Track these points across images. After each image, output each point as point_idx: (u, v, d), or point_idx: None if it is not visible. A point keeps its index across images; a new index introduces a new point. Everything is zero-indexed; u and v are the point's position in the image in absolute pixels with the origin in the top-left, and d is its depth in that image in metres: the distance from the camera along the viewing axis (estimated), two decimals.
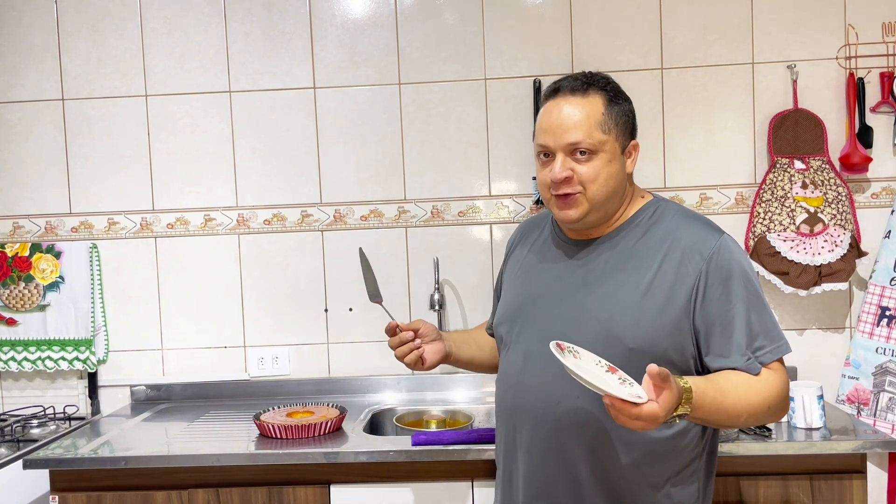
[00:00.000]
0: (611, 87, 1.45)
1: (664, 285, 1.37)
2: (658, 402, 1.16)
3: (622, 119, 1.43)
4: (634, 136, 1.48)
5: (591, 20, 2.51)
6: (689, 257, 1.38)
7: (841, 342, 2.48)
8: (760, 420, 1.38)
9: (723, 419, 1.32)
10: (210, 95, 2.59)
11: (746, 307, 1.36)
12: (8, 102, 2.62)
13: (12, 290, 2.60)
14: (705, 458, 1.47)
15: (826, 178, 2.41)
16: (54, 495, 2.02)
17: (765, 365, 1.37)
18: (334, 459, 1.96)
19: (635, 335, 1.36)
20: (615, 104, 1.43)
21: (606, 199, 1.42)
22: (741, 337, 1.36)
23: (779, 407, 1.38)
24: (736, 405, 1.31)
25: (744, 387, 1.34)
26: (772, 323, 1.40)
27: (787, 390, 1.40)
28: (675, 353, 1.38)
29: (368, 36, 2.56)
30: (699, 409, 1.25)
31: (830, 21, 2.46)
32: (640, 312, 1.37)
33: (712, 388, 1.29)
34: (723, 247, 1.39)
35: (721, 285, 1.36)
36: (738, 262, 1.39)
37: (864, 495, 1.92)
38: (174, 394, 2.59)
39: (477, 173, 2.56)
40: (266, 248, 2.60)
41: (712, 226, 1.44)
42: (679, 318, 1.36)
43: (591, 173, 1.39)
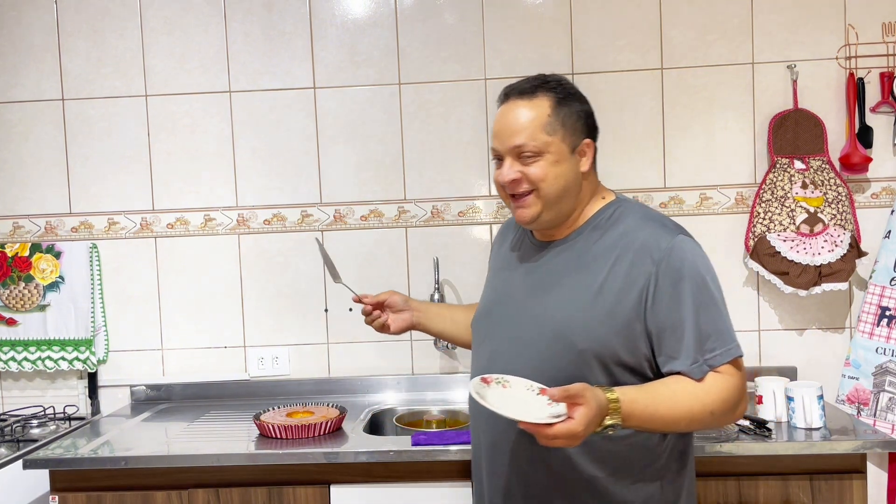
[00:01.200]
0: (562, 88, 1.45)
1: (615, 287, 1.37)
2: (574, 417, 1.19)
3: (570, 120, 1.43)
4: (593, 135, 1.47)
5: (591, 20, 2.51)
6: (641, 259, 1.37)
7: (841, 342, 2.49)
8: (706, 425, 1.36)
9: (660, 426, 1.33)
10: (210, 95, 2.59)
11: (696, 310, 1.34)
12: (8, 102, 2.62)
13: (12, 290, 2.60)
14: (674, 458, 1.44)
15: (826, 178, 2.41)
16: (54, 495, 2.02)
17: (714, 368, 1.34)
18: (334, 459, 1.96)
19: (585, 337, 1.37)
20: (564, 105, 1.43)
21: (558, 199, 1.43)
22: (690, 340, 1.34)
23: (726, 411, 1.35)
24: (673, 412, 1.31)
25: (683, 393, 1.33)
26: (724, 326, 1.37)
27: (738, 394, 1.36)
28: (627, 354, 1.37)
29: (368, 36, 2.56)
30: (631, 419, 1.27)
31: (830, 21, 2.46)
32: (591, 314, 1.37)
33: (644, 396, 1.30)
34: (675, 248, 1.37)
35: (671, 287, 1.35)
36: (691, 263, 1.36)
37: (864, 495, 1.92)
38: (174, 394, 2.59)
39: (477, 173, 2.56)
40: (266, 248, 2.60)
41: (669, 227, 1.42)
42: (630, 320, 1.36)
43: (538, 174, 1.41)
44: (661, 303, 1.35)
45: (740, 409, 1.38)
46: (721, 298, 1.39)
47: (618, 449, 1.39)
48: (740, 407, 1.38)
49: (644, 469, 1.42)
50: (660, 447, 1.42)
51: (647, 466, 1.42)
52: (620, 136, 2.52)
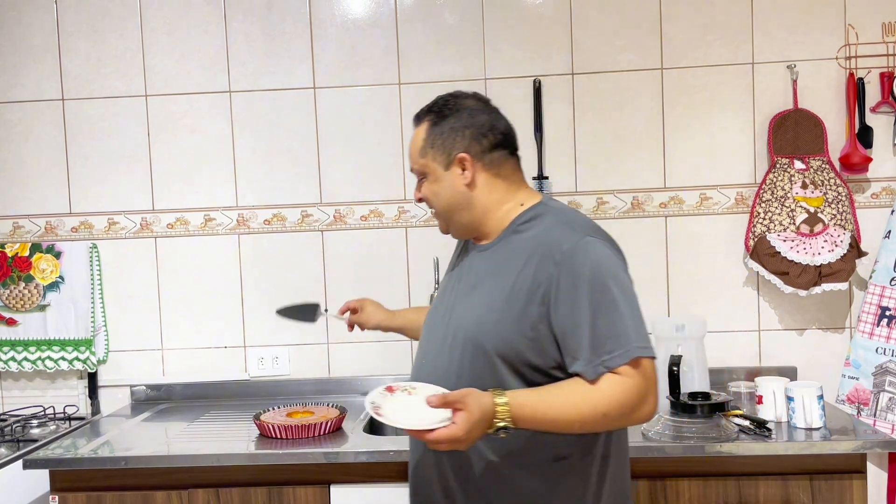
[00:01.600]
0: (438, 107, 1.50)
1: (523, 290, 1.38)
2: (455, 423, 1.25)
3: (440, 139, 1.48)
4: (468, 149, 1.47)
5: (591, 20, 2.51)
6: (545, 261, 1.38)
7: (841, 342, 2.49)
8: (600, 427, 1.36)
9: (552, 428, 1.33)
10: (210, 95, 2.59)
11: (593, 311, 1.33)
12: (8, 102, 2.62)
13: (12, 290, 2.60)
14: (594, 455, 1.44)
15: (826, 178, 2.41)
16: (54, 495, 2.02)
17: (612, 370, 1.32)
18: (334, 459, 1.96)
19: (495, 340, 1.39)
20: (437, 126, 1.49)
21: (447, 213, 1.51)
22: (586, 342, 1.33)
23: (623, 413, 1.33)
24: (562, 414, 1.32)
25: (574, 395, 1.33)
26: (624, 328, 1.33)
27: (636, 395, 1.32)
28: (535, 356, 1.38)
29: (368, 36, 2.56)
30: (521, 421, 1.30)
31: (830, 21, 2.46)
32: (499, 317, 1.39)
33: (535, 399, 1.32)
34: (576, 250, 1.36)
35: (572, 289, 1.35)
36: (593, 264, 1.35)
37: (864, 495, 1.92)
38: (174, 394, 2.59)
39: None
40: (266, 248, 2.60)
41: (578, 228, 1.41)
42: (536, 323, 1.37)
43: (424, 194, 1.52)
44: (562, 305, 1.35)
45: (643, 410, 1.34)
46: (627, 300, 1.36)
47: (521, 447, 1.41)
48: (643, 409, 1.34)
49: (553, 462, 1.42)
50: (574, 446, 1.41)
51: (559, 460, 1.41)
52: (620, 136, 2.52)
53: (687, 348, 2.17)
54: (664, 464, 1.93)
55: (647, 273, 2.52)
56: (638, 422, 1.36)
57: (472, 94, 1.54)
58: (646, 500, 1.93)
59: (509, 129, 1.52)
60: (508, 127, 1.52)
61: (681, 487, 1.93)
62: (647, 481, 1.93)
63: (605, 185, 2.53)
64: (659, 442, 1.92)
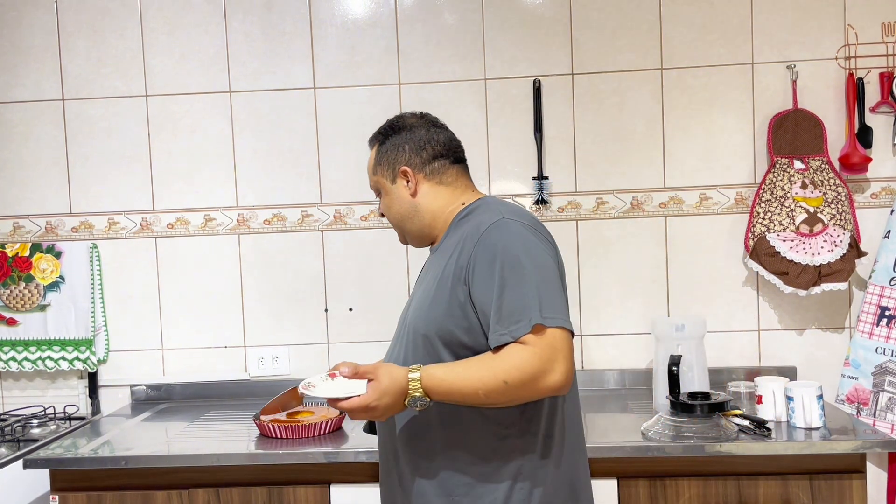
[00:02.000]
0: (383, 129, 1.63)
1: (450, 274, 1.46)
2: (368, 392, 1.36)
3: (386, 155, 1.60)
4: (409, 162, 1.57)
5: (591, 20, 2.51)
6: (468, 244, 1.45)
7: (840, 342, 2.49)
8: (503, 396, 1.37)
9: (461, 398, 1.38)
10: (210, 95, 2.59)
11: (502, 284, 1.38)
12: (8, 102, 2.62)
13: (12, 290, 2.60)
14: (535, 434, 1.46)
15: (826, 178, 2.41)
16: (54, 495, 2.02)
17: (516, 339, 1.35)
18: (334, 459, 1.96)
19: (431, 326, 1.46)
20: (383, 145, 1.61)
21: (400, 224, 1.62)
22: (494, 314, 1.38)
23: (523, 380, 1.35)
24: (469, 384, 1.37)
25: (479, 364, 1.38)
26: (529, 298, 1.37)
27: (538, 362, 1.34)
28: (465, 335, 1.44)
29: (368, 36, 2.56)
30: (434, 393, 1.37)
31: (830, 21, 2.46)
32: (433, 303, 1.47)
33: (444, 370, 1.39)
34: (492, 228, 1.43)
35: (486, 266, 1.40)
36: (505, 241, 1.41)
37: (863, 495, 1.92)
38: (174, 394, 2.59)
39: (477, 173, 2.53)
40: (266, 248, 2.60)
41: (496, 211, 1.47)
42: (462, 303, 1.43)
43: (382, 209, 1.65)
44: (477, 282, 1.41)
45: (550, 379, 1.36)
46: (539, 273, 1.39)
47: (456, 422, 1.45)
48: (549, 378, 1.36)
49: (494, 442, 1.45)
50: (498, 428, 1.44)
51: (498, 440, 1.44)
52: (620, 136, 2.52)
53: (687, 348, 2.18)
54: (664, 464, 1.94)
55: (647, 273, 2.52)
56: (547, 391, 1.38)
57: (414, 114, 1.65)
58: (646, 500, 1.93)
59: (449, 140, 1.61)
60: (449, 138, 1.61)
61: (681, 487, 1.93)
62: (647, 481, 1.93)
63: (605, 185, 2.53)
64: (659, 442, 1.92)
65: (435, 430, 1.48)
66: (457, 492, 1.45)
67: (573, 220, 2.54)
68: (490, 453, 1.45)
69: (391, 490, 1.57)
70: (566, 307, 1.43)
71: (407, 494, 1.51)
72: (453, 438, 1.46)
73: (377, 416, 1.39)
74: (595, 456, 1.92)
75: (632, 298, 2.53)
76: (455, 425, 1.46)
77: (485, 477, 1.44)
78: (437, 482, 1.47)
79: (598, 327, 2.55)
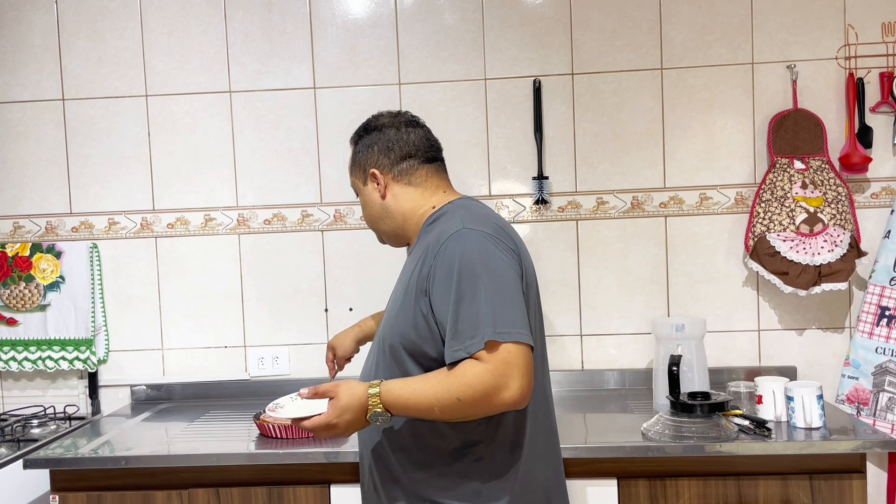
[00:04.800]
0: (358, 131, 1.64)
1: (414, 285, 1.45)
2: (329, 410, 1.39)
3: (358, 157, 1.62)
4: (377, 164, 1.58)
5: (591, 20, 2.51)
6: (430, 255, 1.44)
7: (841, 342, 2.49)
8: (458, 411, 1.36)
9: (418, 413, 1.39)
10: (210, 95, 2.59)
11: (458, 298, 1.36)
12: (8, 102, 2.62)
13: (13, 290, 2.60)
14: (501, 443, 1.45)
15: (826, 178, 2.41)
16: (54, 495, 2.02)
17: (472, 355, 1.34)
18: (334, 459, 1.96)
19: (398, 337, 1.47)
20: (356, 147, 1.63)
21: (374, 224, 1.64)
22: (450, 329, 1.37)
23: (475, 398, 1.33)
24: (424, 400, 1.36)
25: (434, 380, 1.37)
26: (484, 313, 1.34)
27: (490, 379, 1.32)
28: (429, 346, 1.44)
29: (368, 36, 2.56)
30: (393, 408, 1.38)
31: (830, 21, 2.46)
32: (399, 313, 1.47)
33: (402, 386, 1.39)
34: (451, 240, 1.41)
35: (444, 279, 1.39)
36: (463, 253, 1.39)
37: (863, 495, 1.92)
38: (174, 394, 2.59)
39: (477, 173, 2.56)
40: (266, 248, 2.60)
41: (461, 221, 1.45)
42: (426, 314, 1.43)
43: (361, 210, 1.66)
44: (437, 295, 1.40)
45: (504, 395, 1.33)
46: (496, 286, 1.37)
47: (421, 431, 1.47)
48: (503, 394, 1.33)
49: (461, 451, 1.45)
50: (472, 432, 1.44)
51: (464, 447, 1.45)
52: (620, 136, 2.52)
53: (687, 348, 2.18)
54: (664, 464, 1.94)
55: (647, 273, 2.53)
56: (502, 407, 1.35)
57: (390, 113, 1.64)
58: (646, 500, 1.93)
59: (421, 139, 1.60)
60: (421, 137, 1.60)
61: (681, 487, 1.93)
62: (646, 481, 1.93)
63: (605, 185, 2.53)
64: (659, 442, 1.92)
65: (398, 451, 1.49)
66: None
67: (573, 220, 2.54)
68: (457, 463, 1.44)
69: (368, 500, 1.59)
70: (524, 320, 1.37)
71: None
72: (420, 449, 1.46)
73: (339, 432, 1.41)
74: (595, 456, 1.92)
75: (632, 298, 2.53)
76: (417, 443, 1.46)
77: (455, 484, 1.44)
78: (405, 499, 1.48)
79: (598, 327, 2.55)
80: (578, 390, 2.51)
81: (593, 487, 1.93)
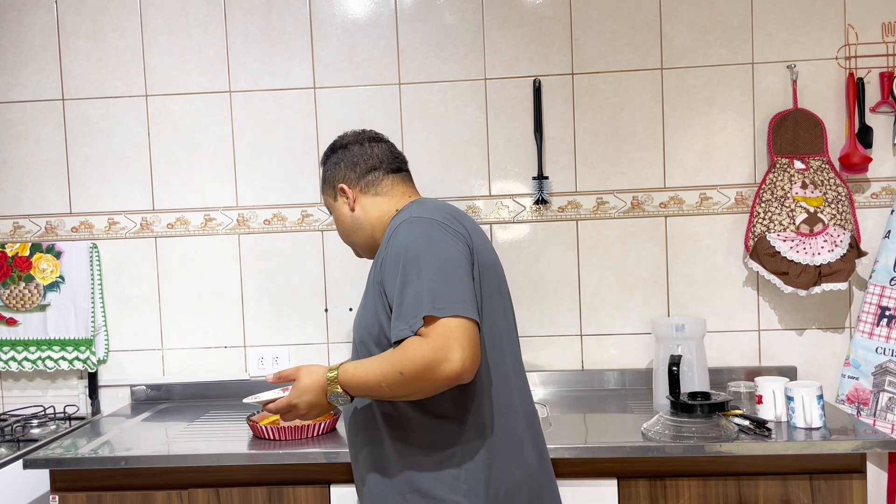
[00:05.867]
0: (326, 152, 1.71)
1: (373, 278, 1.53)
2: (290, 392, 1.50)
3: (326, 175, 1.70)
4: (345, 179, 1.65)
5: (591, 20, 2.51)
6: (382, 247, 1.52)
7: (841, 342, 2.49)
8: (403, 386, 1.38)
9: (371, 392, 1.44)
10: (210, 95, 2.59)
11: (403, 283, 1.41)
12: (8, 102, 2.62)
13: (12, 290, 2.60)
14: (463, 427, 1.47)
15: (826, 178, 2.41)
16: (54, 495, 2.02)
17: (415, 332, 1.37)
18: (334, 459, 1.96)
19: (360, 329, 1.55)
20: (324, 166, 1.71)
21: (348, 238, 1.71)
22: (397, 311, 1.41)
23: (416, 371, 1.36)
24: (374, 376, 1.42)
25: (381, 358, 1.43)
26: (425, 292, 1.38)
27: (430, 352, 1.34)
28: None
29: (368, 36, 2.56)
30: (349, 388, 1.45)
31: (830, 21, 2.46)
32: (363, 307, 1.56)
33: (354, 366, 1.46)
34: (398, 229, 1.48)
35: (392, 268, 1.45)
36: (408, 240, 1.44)
37: (863, 495, 1.92)
38: (174, 394, 2.59)
39: (477, 173, 2.56)
40: (266, 248, 2.60)
41: (408, 211, 1.52)
42: (385, 304, 1.48)
43: (335, 225, 1.73)
44: (388, 282, 1.46)
45: (445, 368, 1.34)
46: (438, 266, 1.41)
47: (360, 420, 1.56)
48: (444, 366, 1.34)
49: (434, 423, 1.48)
50: (445, 407, 1.47)
51: (436, 417, 1.47)
52: (620, 136, 2.52)
53: (687, 348, 2.18)
54: (664, 464, 1.94)
55: (647, 273, 2.53)
56: (446, 379, 1.36)
57: (353, 132, 1.71)
58: (646, 500, 1.93)
59: (385, 152, 1.67)
60: (384, 151, 1.67)
61: (681, 487, 1.93)
62: (647, 481, 1.93)
63: (605, 185, 2.53)
64: (659, 442, 1.92)
65: (354, 426, 1.57)
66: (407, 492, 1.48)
67: (573, 220, 2.54)
68: (429, 438, 1.48)
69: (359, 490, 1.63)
70: (467, 296, 1.40)
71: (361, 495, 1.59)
72: (395, 434, 1.50)
73: (302, 413, 1.50)
74: (595, 456, 1.92)
75: (632, 298, 2.53)
76: (392, 415, 1.50)
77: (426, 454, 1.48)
78: (391, 483, 1.50)
79: (598, 327, 2.55)
80: (578, 390, 2.51)
81: (593, 487, 1.93)
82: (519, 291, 2.44)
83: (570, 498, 1.79)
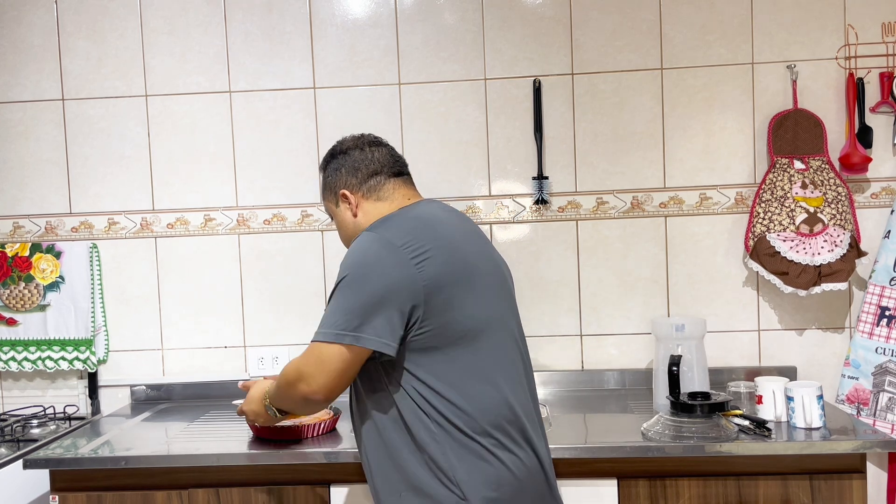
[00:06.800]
0: (326, 158, 1.72)
1: None
2: (244, 400, 1.78)
3: (327, 181, 1.70)
4: (346, 185, 1.66)
5: (591, 20, 2.51)
6: None
7: (841, 342, 2.49)
8: (280, 399, 1.61)
9: (280, 404, 1.64)
10: (210, 95, 2.59)
11: (330, 296, 1.53)
12: (8, 102, 2.62)
13: (12, 290, 2.60)
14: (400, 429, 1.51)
15: (826, 178, 2.41)
16: (54, 495, 2.02)
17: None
18: (334, 459, 1.96)
19: None
20: (324, 171, 1.71)
21: (349, 243, 1.67)
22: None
23: (283, 385, 1.56)
24: (275, 389, 1.63)
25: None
26: (325, 315, 1.49)
27: (294, 373, 1.51)
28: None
29: (368, 36, 2.56)
30: (272, 401, 1.66)
31: (830, 21, 2.46)
32: None
33: (274, 382, 1.65)
34: (352, 244, 1.56)
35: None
36: (349, 257, 1.51)
37: (863, 495, 1.92)
38: (174, 394, 2.59)
39: (477, 173, 2.56)
40: (266, 248, 2.60)
41: (373, 224, 1.56)
42: None
43: (337, 231, 1.74)
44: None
45: (300, 388, 1.49)
46: (355, 288, 1.46)
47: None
48: (299, 386, 1.49)
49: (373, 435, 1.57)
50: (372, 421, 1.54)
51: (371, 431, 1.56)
52: (620, 136, 2.52)
53: (687, 348, 2.18)
54: (664, 464, 1.94)
55: (647, 273, 2.53)
56: (301, 398, 1.51)
57: (352, 136, 1.72)
58: (646, 500, 1.93)
59: (385, 156, 1.67)
60: (385, 155, 1.67)
61: (681, 487, 1.93)
62: (647, 481, 1.93)
63: (605, 185, 2.53)
64: (659, 442, 1.92)
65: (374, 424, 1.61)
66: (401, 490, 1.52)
67: (573, 220, 2.54)
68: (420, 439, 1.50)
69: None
70: (353, 324, 1.44)
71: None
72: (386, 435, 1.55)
73: (250, 418, 1.78)
74: (595, 456, 1.92)
75: (632, 298, 2.53)
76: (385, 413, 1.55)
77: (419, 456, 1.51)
78: (388, 481, 1.54)
79: (598, 327, 2.55)
80: (578, 390, 2.51)
81: (593, 487, 1.93)
82: (519, 291, 2.43)
83: (570, 498, 1.80)
